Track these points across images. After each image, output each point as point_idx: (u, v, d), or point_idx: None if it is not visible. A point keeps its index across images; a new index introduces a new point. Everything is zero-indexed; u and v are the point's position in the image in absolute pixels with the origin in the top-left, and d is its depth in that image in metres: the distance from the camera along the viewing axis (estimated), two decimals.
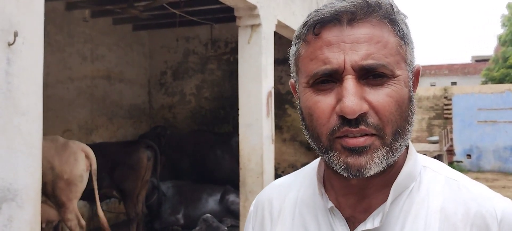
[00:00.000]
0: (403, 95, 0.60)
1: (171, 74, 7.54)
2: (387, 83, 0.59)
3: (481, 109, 12.01)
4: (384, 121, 0.59)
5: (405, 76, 0.61)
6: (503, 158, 11.98)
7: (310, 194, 0.71)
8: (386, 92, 0.59)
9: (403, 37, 0.62)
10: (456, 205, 0.63)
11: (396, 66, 0.60)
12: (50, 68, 5.38)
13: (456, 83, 23.56)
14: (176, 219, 5.61)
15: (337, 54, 0.59)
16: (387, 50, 0.60)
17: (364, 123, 0.58)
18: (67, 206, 3.45)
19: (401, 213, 0.63)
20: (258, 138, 4.25)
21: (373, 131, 0.58)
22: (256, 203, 0.79)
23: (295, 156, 7.14)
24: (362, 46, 0.59)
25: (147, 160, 4.99)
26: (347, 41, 0.59)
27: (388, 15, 0.61)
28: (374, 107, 0.59)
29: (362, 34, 0.59)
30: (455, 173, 0.68)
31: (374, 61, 0.58)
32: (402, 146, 0.61)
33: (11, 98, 2.03)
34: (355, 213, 0.66)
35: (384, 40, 0.60)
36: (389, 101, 0.59)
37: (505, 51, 18.47)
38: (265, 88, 4.34)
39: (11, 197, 2.05)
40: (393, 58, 0.60)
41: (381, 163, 0.59)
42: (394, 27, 0.62)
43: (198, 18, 5.86)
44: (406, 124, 0.61)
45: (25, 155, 2.10)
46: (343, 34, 0.60)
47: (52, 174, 3.40)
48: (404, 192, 0.65)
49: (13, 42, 2.00)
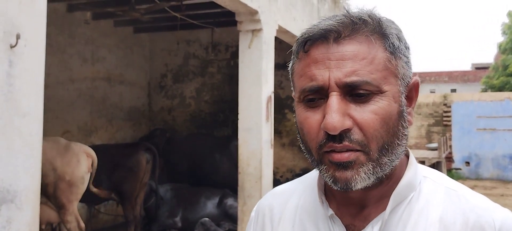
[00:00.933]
0: (390, 111, 0.60)
1: (171, 77, 7.56)
2: (373, 99, 0.60)
3: (480, 117, 12.02)
4: (369, 137, 0.59)
5: (394, 91, 0.61)
6: (502, 166, 11.98)
7: (311, 201, 0.72)
8: (371, 109, 0.60)
9: (393, 51, 0.62)
10: (455, 215, 0.63)
11: (383, 82, 0.60)
12: (50, 69, 5.38)
13: (456, 90, 23.59)
14: (173, 222, 5.60)
15: (322, 71, 0.61)
16: (373, 66, 0.60)
17: (347, 139, 0.59)
18: (67, 208, 3.45)
19: (400, 222, 0.64)
20: (257, 142, 4.25)
21: (357, 146, 0.59)
22: (257, 209, 0.80)
23: (293, 161, 7.14)
24: (347, 63, 0.60)
25: (146, 163, 4.99)
26: (332, 59, 0.60)
27: (376, 31, 0.62)
28: (358, 124, 0.59)
29: (347, 51, 0.60)
30: (455, 184, 0.68)
31: (358, 78, 0.59)
32: (391, 160, 0.62)
33: (12, 100, 2.04)
34: (354, 221, 0.67)
35: (370, 57, 0.60)
36: (373, 118, 0.59)
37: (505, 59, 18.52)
38: (265, 93, 4.35)
39: (10, 199, 2.06)
40: (379, 74, 0.60)
41: (368, 178, 0.60)
42: (383, 42, 0.62)
43: (199, 21, 5.87)
44: (395, 139, 0.61)
45: (25, 156, 2.11)
46: (329, 51, 0.61)
47: (54, 175, 3.40)
48: (404, 201, 0.65)
49: (15, 44, 2.01)
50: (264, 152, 4.30)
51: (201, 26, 6.12)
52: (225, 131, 7.19)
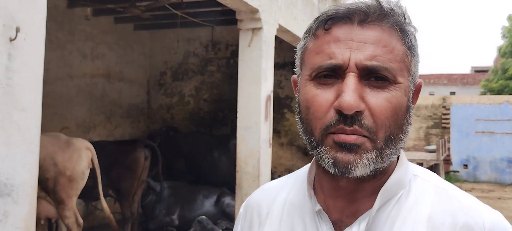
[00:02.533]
0: (401, 103, 0.61)
1: (171, 75, 7.55)
2: (388, 88, 0.60)
3: (479, 120, 12.04)
4: (378, 124, 0.59)
5: (406, 85, 0.62)
6: (500, 169, 12.00)
7: (299, 196, 0.71)
8: (385, 97, 0.60)
9: (410, 47, 0.63)
10: (444, 215, 0.63)
11: (399, 73, 0.61)
12: (49, 65, 5.38)
13: (455, 93, 23.63)
14: (171, 220, 5.60)
15: (343, 50, 0.60)
16: (392, 56, 0.61)
17: (358, 123, 0.59)
18: (66, 203, 3.45)
19: (388, 219, 0.63)
20: (255, 141, 4.25)
21: (365, 132, 0.59)
22: (246, 205, 0.80)
23: (292, 161, 7.14)
24: (369, 47, 0.60)
25: (144, 160, 4.98)
26: (355, 40, 0.60)
27: (399, 23, 0.62)
28: (371, 109, 0.59)
29: (370, 35, 0.60)
30: (445, 183, 0.68)
31: (378, 63, 0.59)
32: (393, 153, 0.62)
33: (10, 94, 2.03)
34: (342, 216, 0.66)
35: (391, 46, 0.61)
36: (386, 106, 0.59)
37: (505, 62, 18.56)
38: (264, 92, 4.35)
39: (7, 192, 2.05)
40: (397, 64, 0.61)
41: (369, 165, 0.59)
42: (403, 36, 0.62)
43: (199, 20, 5.87)
44: (400, 132, 0.62)
45: (23, 150, 2.10)
46: (352, 32, 0.61)
47: (55, 170, 3.41)
48: (393, 198, 0.65)
49: (14, 37, 2.01)
50: (263, 151, 4.30)
51: (201, 24, 6.12)
52: (224, 130, 7.19)
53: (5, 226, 2.04)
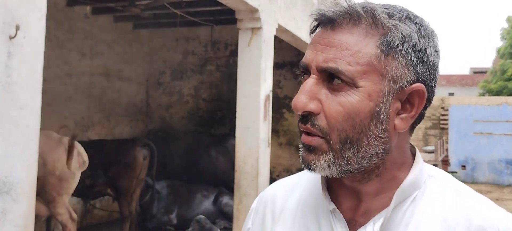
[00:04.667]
0: (359, 108, 0.60)
1: (170, 74, 7.55)
2: (345, 91, 0.60)
3: (477, 121, 12.06)
4: (330, 126, 0.61)
5: (373, 89, 0.60)
6: (498, 170, 12.03)
7: (313, 195, 0.72)
8: (339, 100, 0.60)
9: (386, 50, 0.60)
10: (458, 217, 0.62)
11: (359, 77, 0.59)
12: (48, 63, 5.35)
13: (454, 94, 23.68)
14: (169, 219, 5.60)
15: (311, 52, 0.63)
16: (353, 59, 0.59)
17: (310, 123, 0.62)
18: (57, 201, 3.41)
19: (403, 220, 0.63)
20: (254, 140, 4.26)
21: (318, 132, 0.61)
22: (259, 199, 0.80)
23: (290, 160, 7.15)
24: (330, 50, 0.61)
25: (143, 159, 4.98)
26: (322, 43, 0.62)
27: (373, 26, 0.61)
28: (324, 111, 0.61)
29: (335, 39, 0.61)
30: (461, 185, 0.68)
31: (334, 65, 0.60)
32: (358, 157, 0.61)
33: (10, 92, 2.03)
34: (355, 216, 0.66)
35: (355, 49, 0.60)
36: (337, 110, 0.60)
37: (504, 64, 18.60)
38: (263, 92, 4.35)
39: (5, 190, 2.05)
40: (359, 68, 0.59)
41: (329, 167, 0.61)
42: (378, 38, 0.60)
43: (198, 19, 5.87)
44: (363, 137, 0.60)
45: (22, 148, 2.10)
46: (323, 36, 0.63)
47: (44, 169, 3.37)
48: (407, 199, 0.64)
49: (14, 35, 2.01)
50: (261, 150, 4.31)
51: (200, 24, 6.12)
52: (222, 129, 7.20)
53: (4, 224, 2.04)
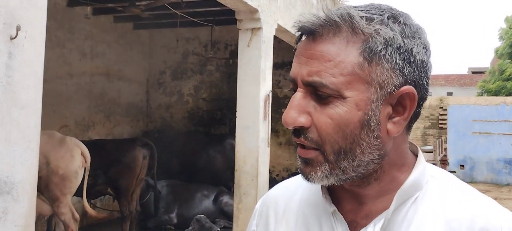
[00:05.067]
0: (348, 119, 0.59)
1: (170, 74, 7.56)
2: (332, 103, 0.59)
3: (475, 121, 12.09)
4: (322, 139, 0.60)
5: (359, 98, 0.59)
6: (496, 170, 12.05)
7: (314, 196, 0.71)
8: (327, 113, 0.59)
9: (369, 57, 0.58)
10: (461, 218, 0.62)
11: (344, 87, 0.58)
12: (49, 63, 5.36)
13: (452, 94, 23.70)
14: (169, 218, 5.62)
15: (296, 66, 0.62)
16: (336, 70, 0.58)
17: (303, 136, 0.61)
18: (61, 201, 3.45)
19: (404, 221, 0.62)
20: (254, 140, 4.27)
21: (312, 145, 0.61)
22: (263, 201, 0.80)
23: (290, 160, 7.17)
24: (313, 62, 0.60)
25: (143, 158, 5.00)
26: (305, 56, 0.61)
27: (354, 32, 0.59)
28: (315, 125, 0.60)
29: (317, 50, 0.60)
30: (463, 185, 0.67)
31: (318, 78, 0.59)
32: (354, 166, 0.60)
33: (10, 92, 2.05)
34: (356, 218, 0.66)
35: (337, 60, 0.58)
36: (326, 122, 0.59)
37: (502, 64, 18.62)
38: (263, 92, 4.37)
39: (7, 190, 2.06)
40: (343, 78, 0.58)
41: (326, 177, 0.61)
42: (359, 45, 0.59)
43: (198, 19, 5.88)
44: (356, 146, 0.60)
45: (23, 148, 2.11)
46: (305, 48, 0.61)
47: (47, 169, 3.40)
48: (408, 200, 0.64)
49: (15, 36, 2.02)
50: (261, 150, 4.32)
51: (200, 24, 6.13)
52: (222, 129, 7.21)
53: (4, 223, 2.05)
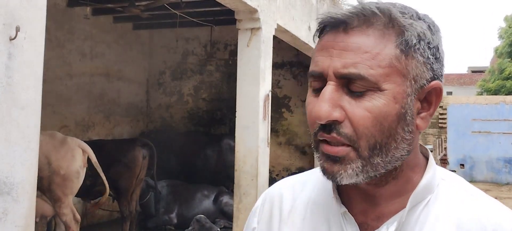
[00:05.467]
0: (386, 111, 0.57)
1: (170, 74, 7.56)
2: (369, 96, 0.58)
3: (475, 120, 12.09)
4: (358, 134, 0.58)
5: (397, 91, 0.58)
6: (496, 169, 12.06)
7: (323, 196, 0.69)
8: (364, 106, 0.57)
9: (405, 50, 0.58)
10: (472, 222, 0.61)
11: (382, 80, 0.57)
12: (49, 64, 5.36)
13: (452, 93, 23.71)
14: (169, 219, 5.62)
15: (325, 58, 0.60)
16: (374, 62, 0.57)
17: (336, 131, 0.58)
18: (63, 201, 3.46)
19: (417, 225, 0.62)
20: (254, 140, 4.27)
21: (345, 141, 0.58)
22: (265, 197, 0.77)
23: (290, 160, 7.17)
24: (348, 54, 0.58)
25: (142, 159, 5.00)
26: (336, 48, 0.59)
27: (389, 25, 0.59)
28: (349, 119, 0.58)
29: (352, 42, 0.58)
30: (474, 189, 0.67)
31: (355, 70, 0.57)
32: (386, 162, 0.59)
33: (10, 92, 2.05)
34: (367, 219, 0.64)
35: (374, 51, 0.58)
36: (364, 116, 0.57)
37: (501, 63, 18.62)
38: (263, 92, 4.37)
39: (6, 191, 2.06)
40: (381, 70, 0.57)
41: (356, 175, 0.59)
42: (395, 38, 0.58)
43: (198, 19, 5.88)
44: (392, 141, 0.59)
45: (23, 148, 2.12)
46: (336, 40, 0.59)
47: (49, 169, 3.41)
48: (421, 203, 0.63)
49: (14, 37, 2.02)
50: (261, 150, 4.32)
51: (200, 24, 6.13)
52: (222, 129, 7.21)
53: (4, 224, 2.05)
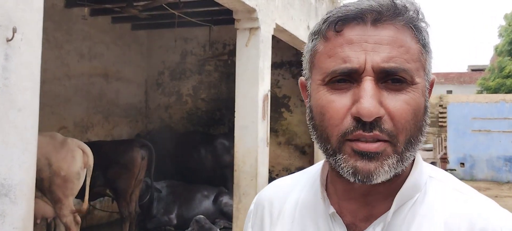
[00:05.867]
0: (420, 104, 0.59)
1: (169, 75, 7.55)
2: (405, 89, 0.58)
3: (475, 119, 12.09)
4: (399, 128, 0.57)
5: (423, 85, 0.60)
6: (496, 168, 12.06)
7: (311, 197, 0.69)
8: (404, 99, 0.57)
9: (424, 45, 0.61)
10: (460, 220, 0.61)
11: (416, 74, 0.58)
12: (47, 64, 5.38)
13: (452, 91, 23.71)
14: (169, 219, 5.61)
15: (358, 53, 0.57)
16: (409, 56, 0.58)
17: (378, 128, 0.56)
18: (63, 202, 3.46)
19: (404, 224, 0.61)
20: (253, 140, 4.27)
21: (386, 137, 0.56)
22: (257, 202, 0.77)
23: (289, 160, 7.16)
24: (385, 48, 0.57)
25: (141, 159, 4.99)
26: (370, 42, 0.57)
27: (412, 20, 0.60)
28: (390, 113, 0.57)
29: (385, 36, 0.58)
30: (462, 185, 0.66)
31: (395, 64, 0.57)
32: (412, 155, 0.60)
33: (7, 94, 2.04)
34: (356, 220, 0.64)
35: (407, 45, 0.58)
36: (406, 109, 0.57)
37: (501, 61, 18.61)
38: (262, 91, 4.36)
39: (4, 193, 2.06)
40: (414, 64, 0.58)
41: (390, 171, 0.57)
42: (417, 33, 0.60)
43: (196, 19, 5.87)
44: (419, 133, 0.60)
45: (20, 150, 2.11)
46: (366, 33, 0.58)
47: (49, 170, 3.41)
48: (408, 202, 0.62)
49: (11, 38, 2.01)
50: (260, 150, 4.31)
51: (198, 24, 6.12)
52: (221, 129, 7.21)
53: (2, 226, 2.04)
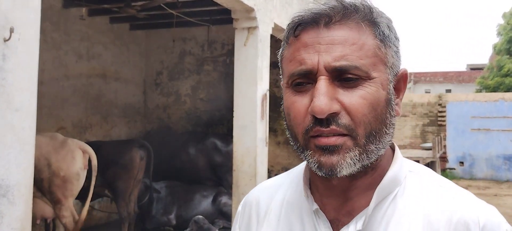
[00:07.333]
0: (378, 98, 0.61)
1: (167, 75, 7.54)
2: (361, 85, 0.60)
3: (474, 117, 12.10)
4: (356, 122, 0.59)
5: (383, 78, 0.62)
6: (496, 166, 12.07)
7: (296, 195, 0.71)
8: (359, 94, 0.60)
9: (383, 39, 0.62)
10: (439, 212, 0.62)
11: (371, 68, 0.61)
12: (45, 65, 5.37)
13: (451, 90, 23.73)
14: (168, 220, 5.60)
15: (312, 55, 0.61)
16: (362, 52, 0.60)
17: (335, 123, 0.59)
18: (63, 203, 3.45)
19: (384, 217, 0.63)
20: (252, 140, 4.26)
21: (344, 131, 0.59)
22: (244, 203, 0.80)
23: (288, 159, 7.16)
24: (336, 47, 0.60)
25: (140, 160, 4.98)
26: (322, 43, 0.61)
27: (366, 17, 0.62)
28: (346, 108, 0.59)
29: (337, 36, 0.61)
30: (441, 179, 0.68)
31: (347, 62, 0.59)
32: (378, 148, 0.61)
33: (5, 94, 2.03)
34: (339, 215, 0.66)
35: (359, 42, 0.61)
36: (361, 103, 0.59)
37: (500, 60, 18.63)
38: (260, 91, 4.36)
39: (2, 193, 2.05)
40: (369, 60, 0.61)
41: (354, 164, 0.60)
42: (373, 29, 0.62)
43: (195, 19, 5.87)
44: (383, 126, 0.61)
45: (18, 151, 2.10)
46: (319, 36, 0.61)
47: (49, 171, 3.40)
48: (388, 196, 0.64)
49: (8, 38, 2.00)
50: (259, 149, 4.31)
51: (197, 24, 6.11)
52: (220, 129, 7.20)
53: (0, 226, 2.04)
